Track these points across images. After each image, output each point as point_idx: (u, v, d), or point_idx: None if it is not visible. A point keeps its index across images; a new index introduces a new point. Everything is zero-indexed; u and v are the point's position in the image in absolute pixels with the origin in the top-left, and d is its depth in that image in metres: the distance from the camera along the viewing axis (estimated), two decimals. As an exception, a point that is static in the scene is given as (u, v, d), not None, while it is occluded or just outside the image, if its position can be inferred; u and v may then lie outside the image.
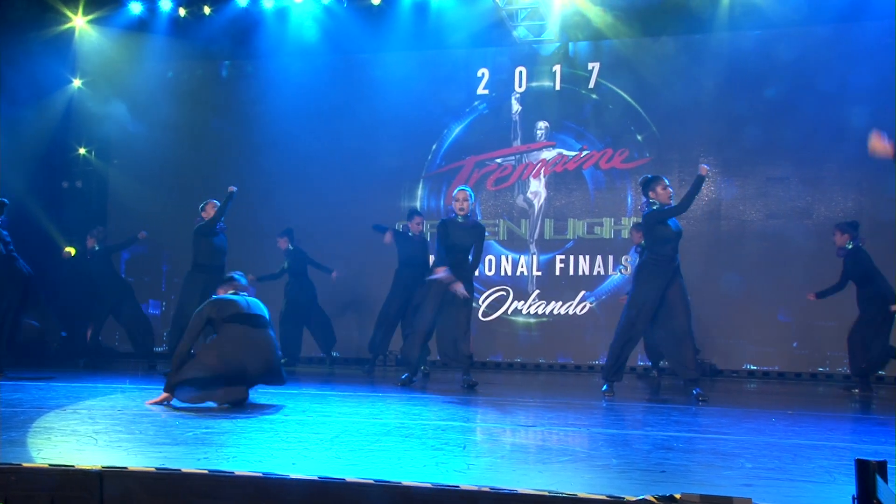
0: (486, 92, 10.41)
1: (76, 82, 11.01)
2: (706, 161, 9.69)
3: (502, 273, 10.16)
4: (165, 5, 10.39)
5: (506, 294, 10.08)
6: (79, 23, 10.68)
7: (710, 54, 9.74)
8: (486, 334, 9.94)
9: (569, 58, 10.19)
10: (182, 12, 10.49)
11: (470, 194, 7.25)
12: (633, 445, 3.96)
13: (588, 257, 9.95)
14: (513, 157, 10.31)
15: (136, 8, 10.47)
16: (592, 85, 10.06)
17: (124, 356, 10.02)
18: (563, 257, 10.04)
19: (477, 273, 8.22)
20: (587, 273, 9.93)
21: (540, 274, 10.08)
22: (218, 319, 5.22)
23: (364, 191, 10.39)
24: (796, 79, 9.37)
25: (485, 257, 9.98)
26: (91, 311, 9.48)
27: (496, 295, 10.05)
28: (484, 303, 9.96)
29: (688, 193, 6.51)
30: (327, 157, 10.57)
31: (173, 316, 8.32)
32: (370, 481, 2.74)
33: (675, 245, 6.44)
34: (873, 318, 7.46)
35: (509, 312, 10.08)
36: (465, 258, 7.13)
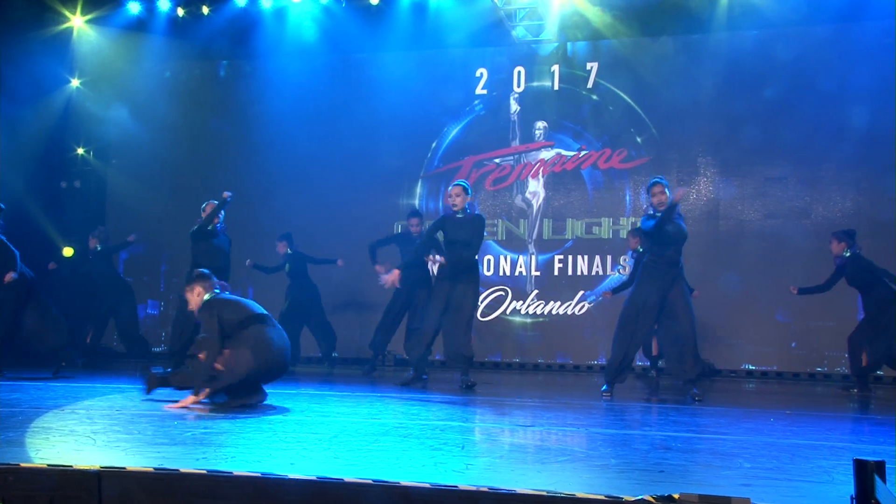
0: (484, 92, 10.41)
1: (74, 82, 11.01)
2: (704, 161, 9.76)
3: (501, 273, 10.16)
4: (164, 5, 10.38)
5: (504, 294, 10.08)
6: (77, 22, 10.68)
7: (708, 54, 9.74)
8: (484, 334, 9.94)
9: (567, 58, 10.19)
10: (180, 12, 10.48)
11: (464, 188, 7.12)
12: (632, 445, 3.96)
13: (586, 257, 9.95)
14: (511, 157, 10.31)
15: (134, 8, 10.46)
16: (591, 85, 10.06)
17: (123, 356, 10.01)
18: (562, 257, 10.04)
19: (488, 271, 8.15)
20: (586, 273, 9.93)
21: (538, 274, 10.08)
22: (231, 321, 5.18)
23: (363, 191, 10.39)
24: (795, 79, 9.37)
25: (483, 257, 9.97)
26: (91, 311, 9.47)
27: (495, 295, 10.05)
28: (483, 303, 9.94)
29: (659, 220, 6.37)
30: (326, 157, 10.57)
31: (175, 317, 8.31)
32: (369, 481, 2.74)
33: (676, 248, 6.46)
34: (877, 319, 7.44)
35: (508, 312, 10.08)
36: (464, 253, 6.98)
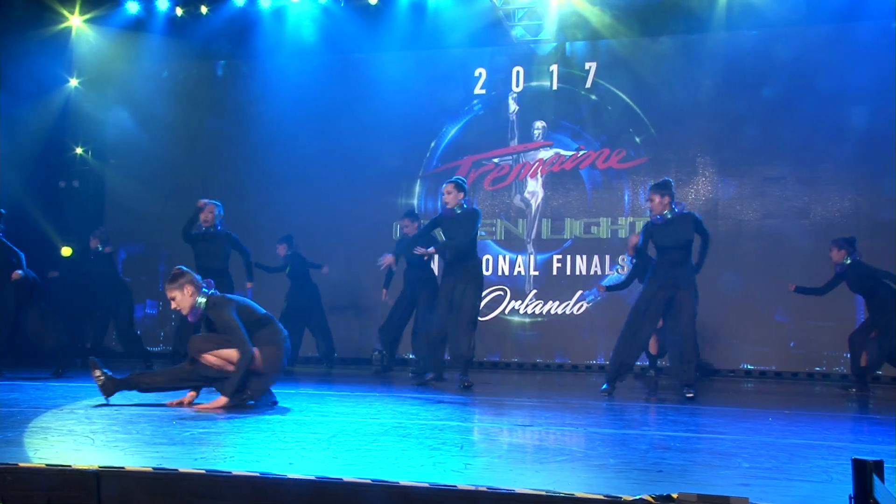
0: (483, 92, 10.41)
1: (73, 82, 11.00)
2: (703, 160, 9.77)
3: (499, 273, 10.16)
4: (162, 5, 10.38)
5: (503, 294, 10.09)
6: (76, 22, 10.67)
7: (707, 54, 9.74)
8: (483, 334, 9.91)
9: (566, 57, 10.19)
10: (179, 12, 10.48)
11: (456, 185, 6.98)
12: (631, 445, 3.96)
13: (585, 257, 9.96)
14: (510, 157, 10.31)
15: (132, 7, 10.46)
16: (589, 85, 10.07)
17: (122, 356, 10.00)
18: (561, 257, 10.04)
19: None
20: (584, 273, 9.93)
21: (537, 274, 10.09)
22: (249, 321, 5.25)
23: (362, 191, 10.39)
24: (794, 79, 9.37)
25: (482, 257, 9.96)
26: (90, 311, 9.46)
27: (493, 295, 10.06)
28: (481, 303, 9.95)
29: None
30: (325, 157, 10.57)
31: (180, 318, 8.28)
32: (368, 481, 2.74)
33: (676, 253, 6.49)
34: (879, 320, 7.39)
35: (506, 312, 10.08)
36: (460, 247, 6.91)
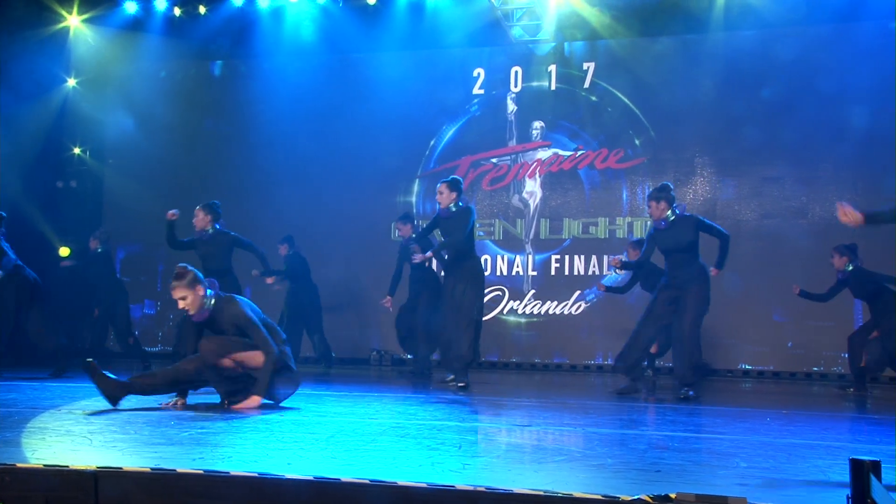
0: (481, 92, 10.41)
1: (71, 81, 10.99)
2: (702, 161, 9.78)
3: (498, 273, 10.16)
4: (160, 5, 10.37)
5: (501, 294, 10.09)
6: (73, 22, 10.66)
7: (706, 54, 9.75)
8: (482, 334, 9.92)
9: (564, 58, 10.20)
10: (177, 12, 10.47)
11: (449, 184, 6.88)
12: (629, 445, 3.96)
13: (583, 257, 9.96)
14: (508, 157, 10.31)
15: (130, 7, 10.45)
16: (588, 85, 10.07)
17: (121, 357, 9.99)
18: (559, 257, 10.05)
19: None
20: (582, 273, 9.94)
21: (535, 274, 10.09)
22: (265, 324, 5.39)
23: (361, 191, 10.39)
24: (793, 79, 9.38)
25: (480, 257, 9.95)
26: (88, 313, 9.46)
27: (492, 295, 10.05)
28: (483, 302, 9.95)
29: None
30: (323, 157, 10.57)
31: (183, 318, 8.26)
32: (366, 481, 2.74)
33: (679, 256, 6.57)
34: (881, 323, 7.35)
35: (505, 312, 10.09)
36: (455, 245, 6.88)
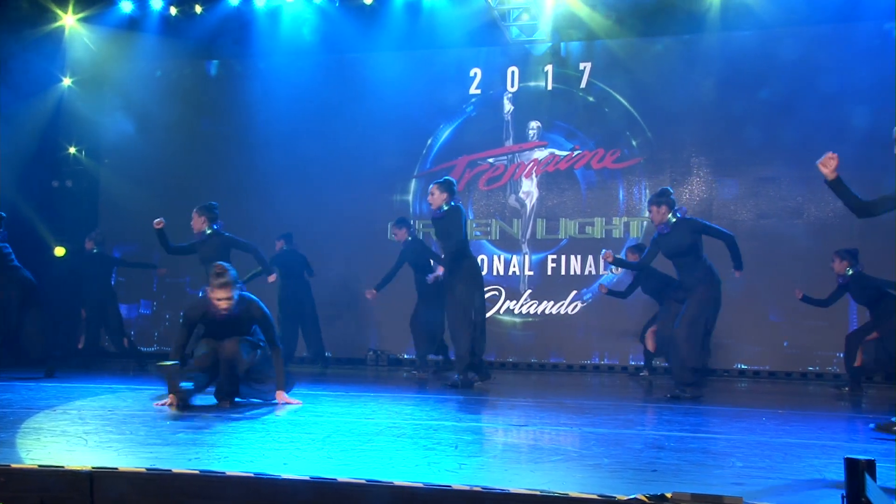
0: (478, 92, 10.41)
1: (66, 81, 10.96)
2: (698, 161, 9.78)
3: (494, 273, 10.16)
4: (156, 4, 10.34)
5: (498, 294, 10.09)
6: (69, 21, 10.63)
7: (702, 55, 9.76)
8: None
9: (561, 58, 10.20)
10: (173, 11, 10.45)
11: (440, 185, 6.84)
12: (625, 445, 3.97)
13: (580, 257, 9.96)
14: (505, 157, 10.31)
15: (126, 6, 10.42)
16: (584, 85, 10.08)
17: (116, 357, 9.98)
18: (555, 257, 10.05)
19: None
20: (579, 273, 9.94)
21: (532, 274, 10.09)
22: None
23: (357, 190, 10.38)
24: (790, 79, 9.38)
25: (477, 257, 9.95)
26: (79, 313, 9.47)
27: (488, 295, 10.02)
28: (480, 299, 9.95)
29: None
30: (320, 156, 10.55)
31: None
32: (362, 481, 2.74)
33: (681, 260, 6.63)
34: (881, 325, 7.27)
35: (501, 312, 10.08)
36: (447, 248, 6.86)
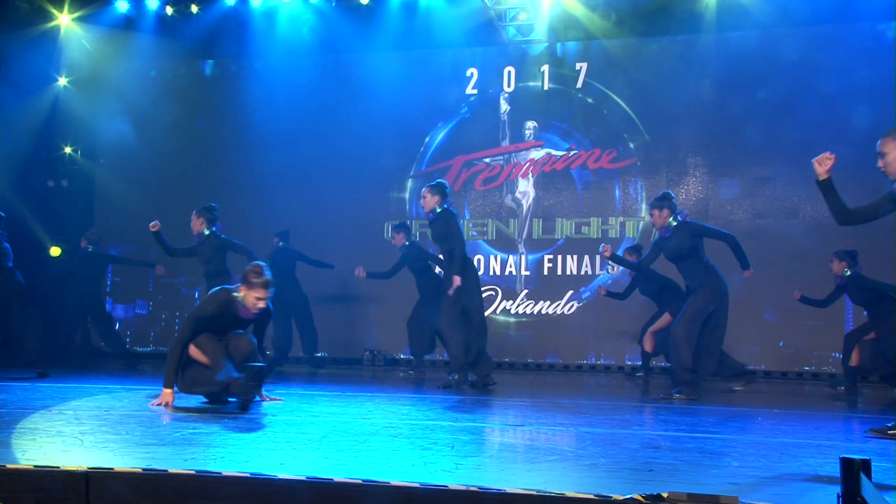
0: (474, 92, 10.41)
1: (62, 80, 10.94)
2: (694, 161, 9.79)
3: (491, 273, 10.17)
4: (152, 3, 10.33)
5: (494, 294, 10.09)
6: (64, 21, 10.61)
7: (699, 55, 9.78)
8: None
9: (557, 58, 10.21)
10: (169, 11, 10.44)
11: (432, 189, 6.82)
12: (621, 445, 3.97)
13: (576, 257, 9.97)
14: (501, 157, 10.32)
15: (122, 6, 10.41)
16: (580, 85, 10.09)
17: (111, 356, 9.96)
18: (552, 257, 10.06)
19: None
20: (575, 273, 9.95)
21: (528, 273, 10.10)
22: None
23: (354, 190, 10.38)
24: (787, 79, 9.41)
25: (474, 257, 9.97)
26: (75, 313, 9.46)
27: (485, 294, 10.02)
28: (472, 300, 9.95)
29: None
30: (316, 156, 10.55)
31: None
32: (358, 481, 2.74)
33: (682, 264, 6.72)
34: (881, 327, 7.22)
35: (498, 312, 10.09)
36: (445, 255, 6.89)
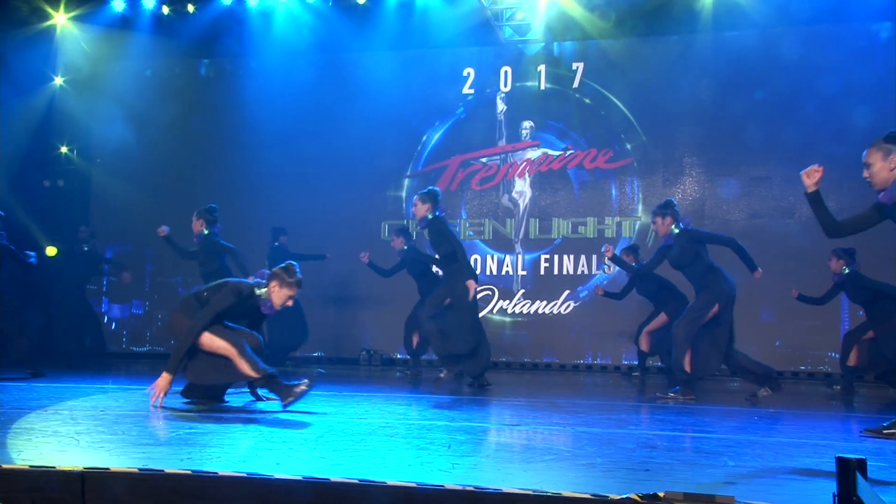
0: (471, 91, 10.42)
1: (58, 80, 10.92)
2: (690, 161, 9.81)
3: (487, 272, 10.17)
4: (149, 3, 10.32)
5: (491, 293, 10.10)
6: (60, 20, 10.59)
7: (696, 55, 9.79)
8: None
9: (553, 58, 10.22)
10: (165, 10, 10.42)
11: (422, 197, 6.90)
12: (618, 444, 3.97)
13: (573, 257, 9.98)
14: (498, 157, 10.32)
15: (118, 5, 10.39)
16: (577, 85, 10.10)
17: (108, 356, 9.95)
18: (548, 257, 10.07)
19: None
20: (572, 272, 9.96)
21: (525, 273, 10.10)
22: None
23: (351, 190, 10.37)
24: (784, 79, 9.43)
25: (470, 257, 9.98)
26: (70, 312, 9.47)
27: (481, 294, 10.05)
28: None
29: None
30: (313, 156, 10.55)
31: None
32: (355, 481, 2.74)
33: (686, 273, 6.79)
34: (879, 326, 7.14)
35: (494, 312, 10.09)
36: (445, 258, 6.96)
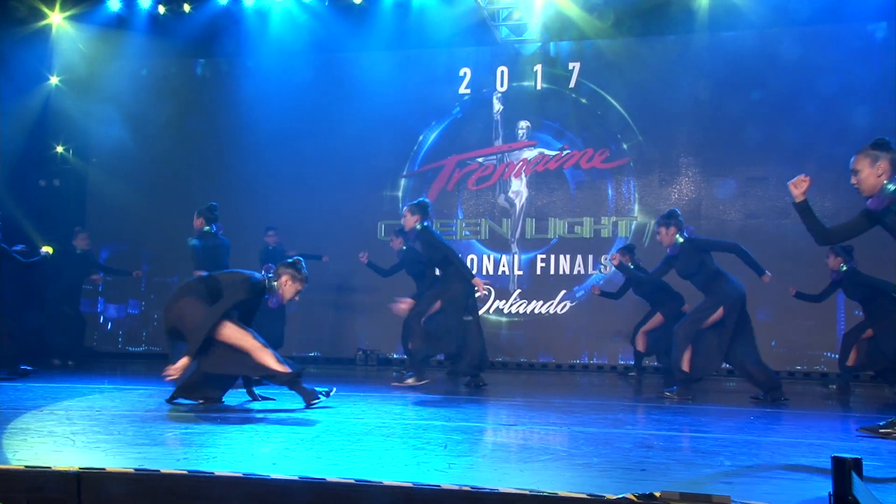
0: (467, 91, 10.42)
1: (53, 79, 10.89)
2: (687, 161, 9.82)
3: (484, 272, 10.17)
4: (144, 2, 10.30)
5: (487, 293, 10.09)
6: (56, 19, 10.57)
7: (692, 55, 9.80)
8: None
9: (550, 58, 10.22)
10: (161, 10, 10.41)
11: (410, 209, 7.08)
12: (614, 444, 3.98)
13: (569, 256, 9.99)
14: (494, 157, 10.32)
15: (114, 5, 10.37)
16: (573, 85, 10.11)
17: (104, 356, 9.93)
18: (545, 256, 10.07)
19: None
20: (568, 272, 9.96)
21: (521, 273, 10.11)
22: None
23: (347, 190, 10.37)
24: (781, 79, 9.44)
25: (467, 256, 10.00)
26: (76, 311, 9.47)
27: (477, 294, 10.03)
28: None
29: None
30: (309, 156, 10.54)
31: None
32: (351, 481, 2.74)
33: (693, 280, 6.80)
34: (878, 325, 7.17)
35: (491, 311, 10.09)
36: (440, 265, 7.08)
